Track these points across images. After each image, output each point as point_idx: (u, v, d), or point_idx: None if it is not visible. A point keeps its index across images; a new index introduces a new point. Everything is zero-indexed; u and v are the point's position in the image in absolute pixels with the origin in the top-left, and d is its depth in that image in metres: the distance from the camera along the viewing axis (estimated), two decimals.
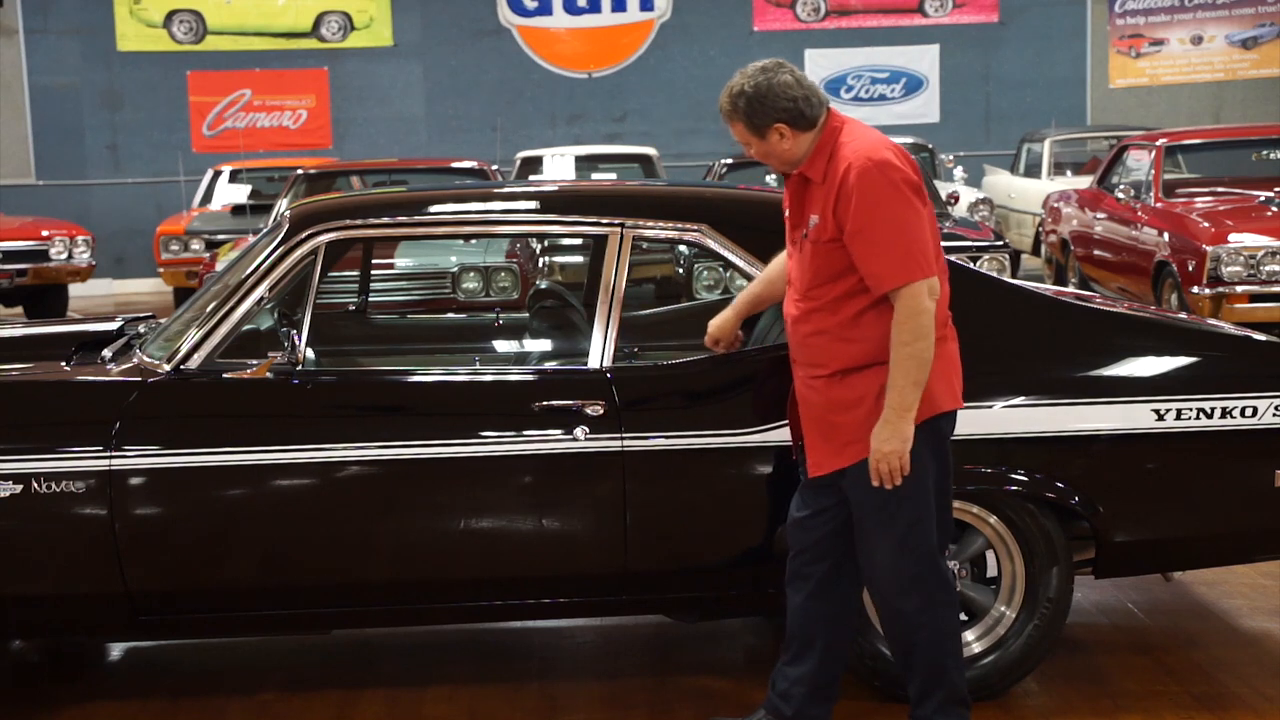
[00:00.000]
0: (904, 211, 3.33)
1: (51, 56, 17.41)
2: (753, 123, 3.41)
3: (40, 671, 4.55)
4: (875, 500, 3.44)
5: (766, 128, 3.40)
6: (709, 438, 3.85)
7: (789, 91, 3.38)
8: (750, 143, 3.47)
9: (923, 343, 3.32)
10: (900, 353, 3.32)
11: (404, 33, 17.94)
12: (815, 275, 3.44)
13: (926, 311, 3.32)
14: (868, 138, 3.42)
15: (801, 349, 3.52)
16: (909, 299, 3.31)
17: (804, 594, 3.61)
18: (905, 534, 3.46)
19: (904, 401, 3.33)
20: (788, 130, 3.40)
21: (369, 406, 3.97)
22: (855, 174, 3.32)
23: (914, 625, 3.53)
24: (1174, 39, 18.17)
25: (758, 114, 3.39)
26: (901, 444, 3.34)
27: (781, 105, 3.38)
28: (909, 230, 3.33)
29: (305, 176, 11.39)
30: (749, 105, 3.39)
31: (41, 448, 3.80)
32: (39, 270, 12.36)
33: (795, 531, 3.62)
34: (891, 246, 3.31)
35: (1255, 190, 9.67)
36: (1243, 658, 4.37)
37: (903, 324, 3.32)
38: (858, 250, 3.34)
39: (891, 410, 3.34)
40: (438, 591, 3.99)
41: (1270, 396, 3.95)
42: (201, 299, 4.21)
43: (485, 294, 8.49)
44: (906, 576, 3.49)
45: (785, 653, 3.69)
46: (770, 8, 18.15)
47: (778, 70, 3.41)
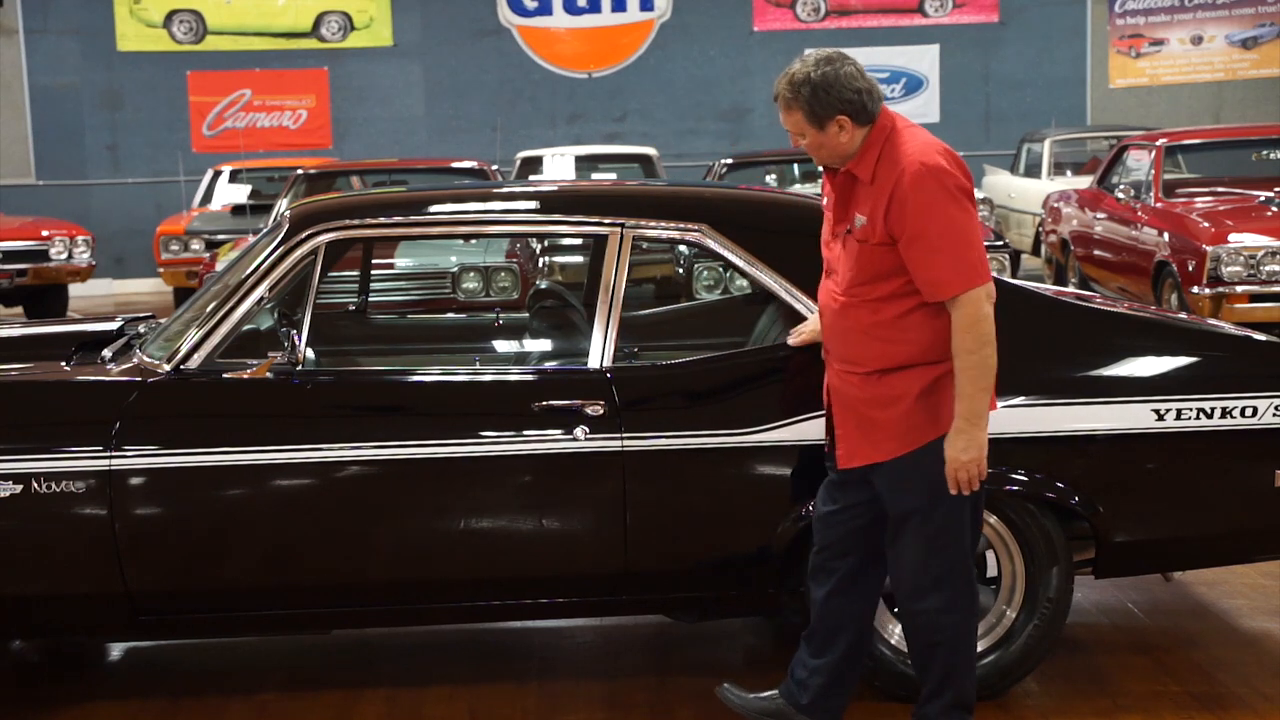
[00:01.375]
0: (960, 217, 3.29)
1: (51, 56, 17.41)
2: (814, 112, 3.33)
3: (40, 671, 4.55)
4: (912, 500, 3.43)
5: (828, 119, 3.32)
6: (709, 438, 3.85)
7: (854, 83, 3.32)
8: (805, 132, 3.38)
9: (988, 349, 3.30)
10: (967, 361, 3.29)
11: (404, 33, 17.95)
12: (859, 273, 3.39)
13: (987, 318, 3.30)
14: (919, 139, 3.37)
15: (838, 342, 3.48)
16: (970, 306, 3.28)
17: (827, 589, 3.61)
18: (938, 535, 3.45)
19: (975, 409, 3.31)
20: (848, 123, 3.33)
21: (369, 406, 3.97)
22: (910, 179, 3.27)
23: (934, 626, 3.52)
24: (1174, 39, 18.17)
25: (821, 104, 3.31)
26: (979, 452, 3.32)
27: (847, 97, 3.31)
28: (966, 236, 3.29)
29: (305, 176, 11.39)
30: (813, 94, 3.31)
31: (41, 448, 3.80)
32: (39, 270, 12.36)
33: (821, 526, 3.61)
34: (950, 253, 3.27)
35: (1255, 190, 9.67)
36: (1243, 658, 4.37)
37: (966, 332, 3.29)
38: (914, 257, 3.29)
39: (964, 420, 3.31)
40: (438, 591, 3.99)
41: (1270, 396, 3.95)
42: (201, 299, 4.21)
43: (485, 294, 8.49)
44: (931, 577, 3.48)
45: (808, 644, 3.68)
46: (770, 8, 18.15)
47: (843, 61, 3.34)
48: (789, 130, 3.43)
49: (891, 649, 3.95)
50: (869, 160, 3.36)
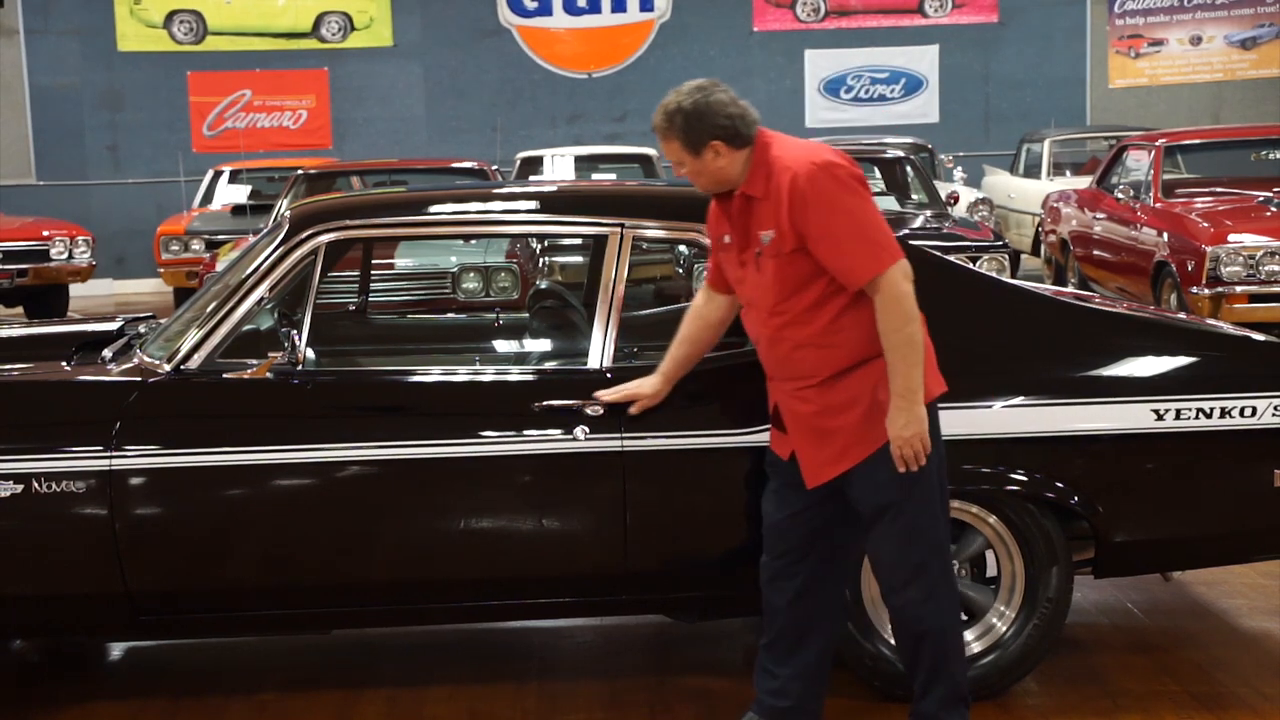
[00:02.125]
0: (859, 204, 3.36)
1: (51, 56, 17.41)
2: (689, 140, 3.41)
3: (40, 671, 4.55)
4: (885, 495, 3.46)
5: (703, 145, 3.41)
6: (709, 438, 3.86)
7: (725, 110, 3.40)
8: (684, 161, 3.46)
9: (912, 325, 3.35)
10: (894, 339, 3.34)
11: (404, 33, 17.95)
12: (782, 288, 3.44)
13: (907, 295, 3.35)
14: (801, 145, 3.47)
15: (783, 366, 3.52)
16: (887, 286, 3.33)
17: (791, 594, 3.63)
18: (913, 525, 3.48)
19: (910, 385, 3.35)
20: (723, 148, 3.42)
21: (369, 406, 3.97)
22: (804, 180, 3.35)
23: (919, 616, 3.54)
24: (1173, 39, 18.18)
25: (695, 130, 3.40)
26: (920, 426, 3.37)
27: (719, 122, 3.39)
28: (868, 220, 3.36)
29: (305, 177, 11.39)
30: (686, 122, 3.39)
31: (42, 448, 3.80)
32: (39, 270, 12.36)
33: (776, 534, 3.64)
34: (857, 240, 3.34)
35: (1255, 190, 9.68)
36: (1243, 658, 4.37)
37: (888, 311, 3.34)
38: (825, 252, 3.36)
39: (900, 397, 3.36)
40: (438, 591, 3.99)
41: (1270, 396, 3.95)
42: (201, 299, 4.21)
43: (485, 294, 8.49)
44: (910, 567, 3.50)
45: (769, 652, 3.70)
46: (770, 8, 18.15)
47: (713, 89, 3.42)
48: (670, 160, 3.52)
49: (891, 649, 3.94)
50: (759, 178, 3.43)
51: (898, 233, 7.22)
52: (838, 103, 18.18)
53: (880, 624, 3.97)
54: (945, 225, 9.96)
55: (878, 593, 3.96)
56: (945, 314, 3.95)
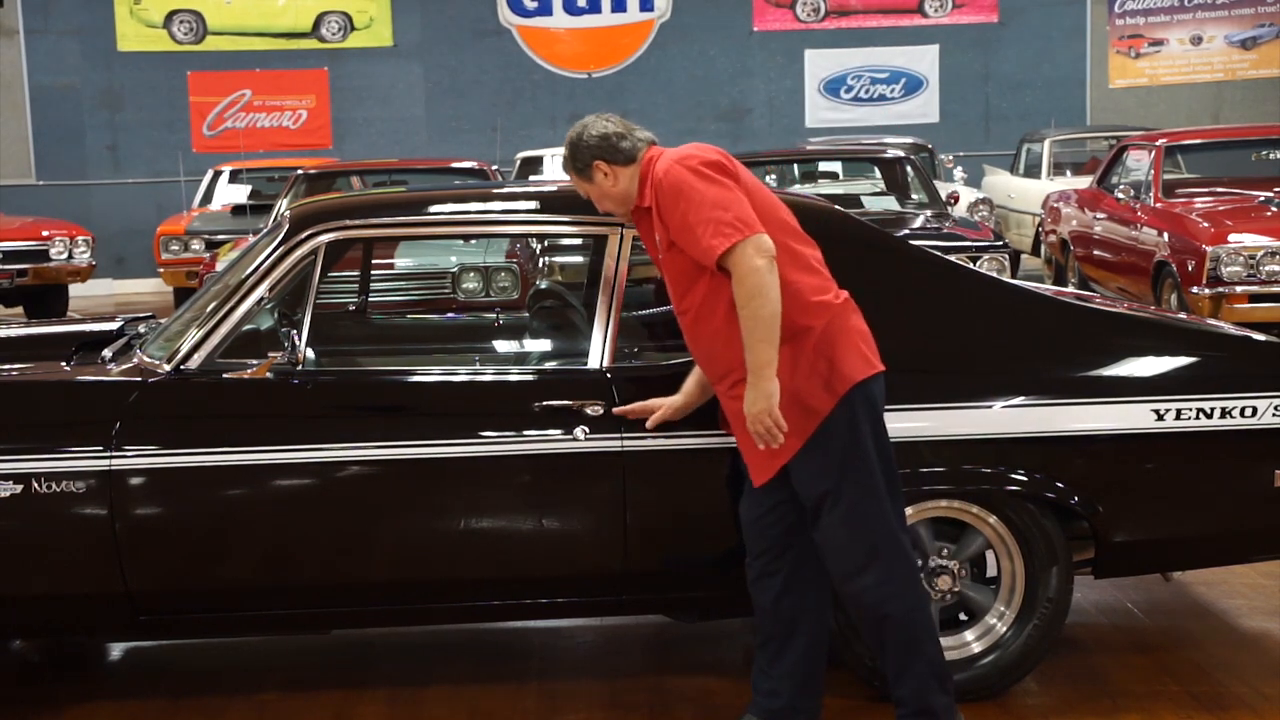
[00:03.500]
0: (707, 187, 3.44)
1: (51, 56, 17.42)
2: (576, 166, 3.63)
3: (40, 671, 4.55)
4: (821, 483, 3.48)
5: (588, 167, 3.60)
6: (709, 438, 3.85)
7: (601, 129, 3.58)
8: (584, 189, 3.68)
9: (759, 299, 3.36)
10: (742, 314, 3.39)
11: (404, 33, 17.95)
12: (675, 284, 3.58)
13: (757, 270, 3.37)
14: (675, 150, 3.58)
15: (706, 364, 3.62)
16: (737, 262, 3.38)
17: (775, 592, 3.64)
18: (854, 509, 3.48)
19: (759, 360, 3.39)
20: (606, 166, 3.59)
21: (369, 406, 3.97)
22: (663, 177, 3.50)
23: (879, 599, 3.53)
24: (1173, 39, 18.18)
25: (577, 156, 3.61)
26: (767, 401, 3.39)
27: (593, 144, 3.57)
28: (714, 201, 3.42)
29: (305, 177, 11.39)
30: (571, 150, 3.62)
31: (42, 448, 3.80)
32: (39, 270, 12.36)
33: (754, 533, 3.66)
34: (703, 221, 3.41)
35: (1255, 190, 9.67)
36: (1242, 658, 4.37)
37: (739, 286, 3.39)
38: (683, 239, 3.46)
39: (751, 373, 3.41)
40: (438, 591, 3.99)
41: (1270, 396, 3.95)
42: (201, 299, 4.21)
43: (485, 294, 8.49)
44: (860, 552, 3.51)
45: (763, 653, 3.70)
46: (770, 8, 18.15)
47: (596, 120, 3.62)
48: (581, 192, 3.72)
49: None
50: (646, 190, 3.57)
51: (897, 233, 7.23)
52: (838, 103, 18.18)
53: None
54: (945, 225, 9.95)
55: None
56: (946, 314, 3.96)
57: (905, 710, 3.62)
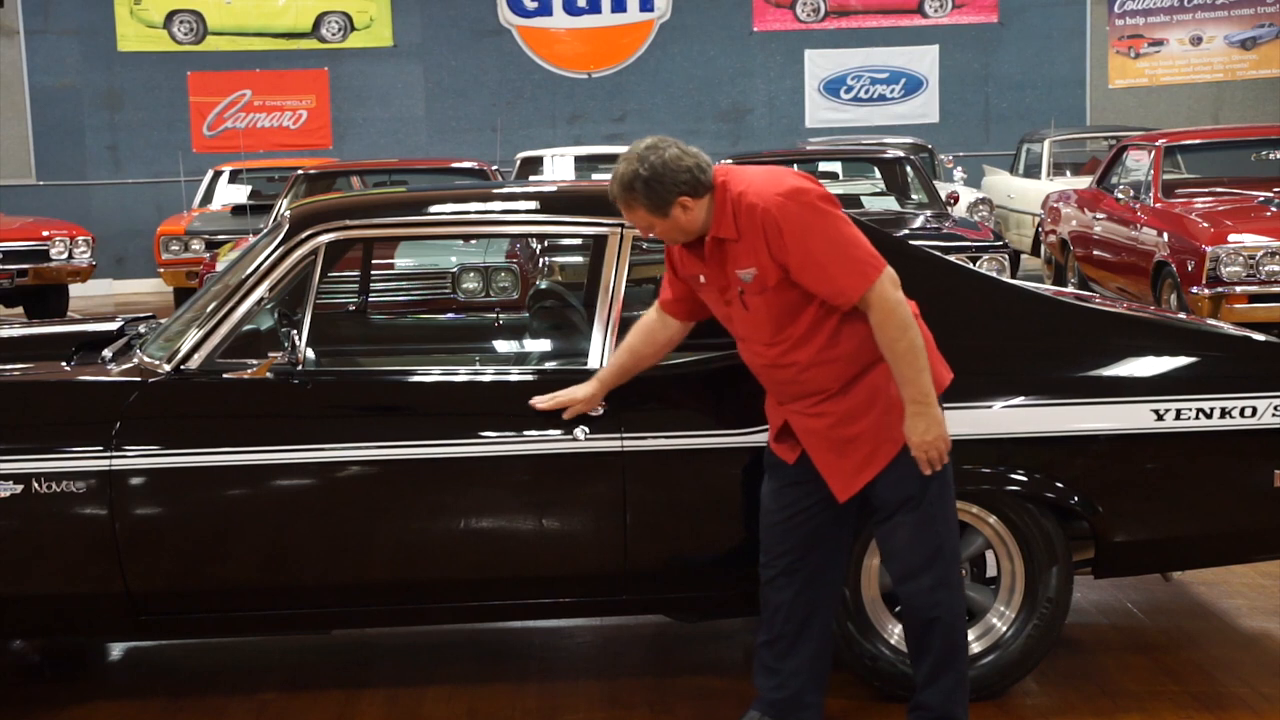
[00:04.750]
0: (833, 224, 3.36)
1: (51, 56, 17.41)
2: (654, 204, 3.39)
3: (40, 671, 4.55)
4: (907, 488, 3.48)
5: (669, 204, 3.39)
6: (709, 438, 3.86)
7: (682, 163, 3.37)
8: (653, 224, 3.45)
9: (911, 332, 3.36)
10: (896, 349, 3.36)
11: (404, 33, 17.94)
12: (777, 321, 3.45)
13: (899, 303, 3.36)
14: (762, 176, 3.44)
15: (790, 388, 3.53)
16: (878, 299, 3.34)
17: (793, 591, 3.63)
18: (930, 516, 3.51)
19: (921, 390, 3.38)
20: (689, 201, 3.39)
21: (369, 406, 3.97)
22: (776, 211, 3.34)
23: (932, 603, 3.55)
24: (1173, 39, 18.17)
25: (657, 194, 3.38)
26: (940, 428, 3.40)
27: (681, 179, 3.37)
28: (844, 237, 3.37)
29: (305, 177, 11.39)
30: (647, 187, 3.37)
31: (42, 448, 3.80)
32: (39, 270, 12.36)
33: (779, 531, 3.64)
34: (838, 261, 3.34)
35: (1255, 190, 9.68)
36: (1242, 658, 4.37)
37: (885, 323, 3.35)
38: (810, 279, 3.36)
39: (915, 403, 3.38)
40: (438, 591, 3.99)
41: (1270, 396, 3.95)
42: (201, 299, 4.21)
43: (485, 294, 8.49)
44: (923, 556, 3.52)
45: (769, 650, 3.70)
46: (770, 8, 18.15)
47: (663, 146, 3.40)
48: (637, 227, 3.52)
49: (891, 649, 3.95)
50: (727, 219, 3.41)
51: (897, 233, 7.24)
52: (838, 103, 18.18)
53: (880, 624, 3.97)
54: (945, 225, 9.96)
55: (878, 593, 3.97)
56: (946, 314, 3.95)
57: (928, 715, 3.63)
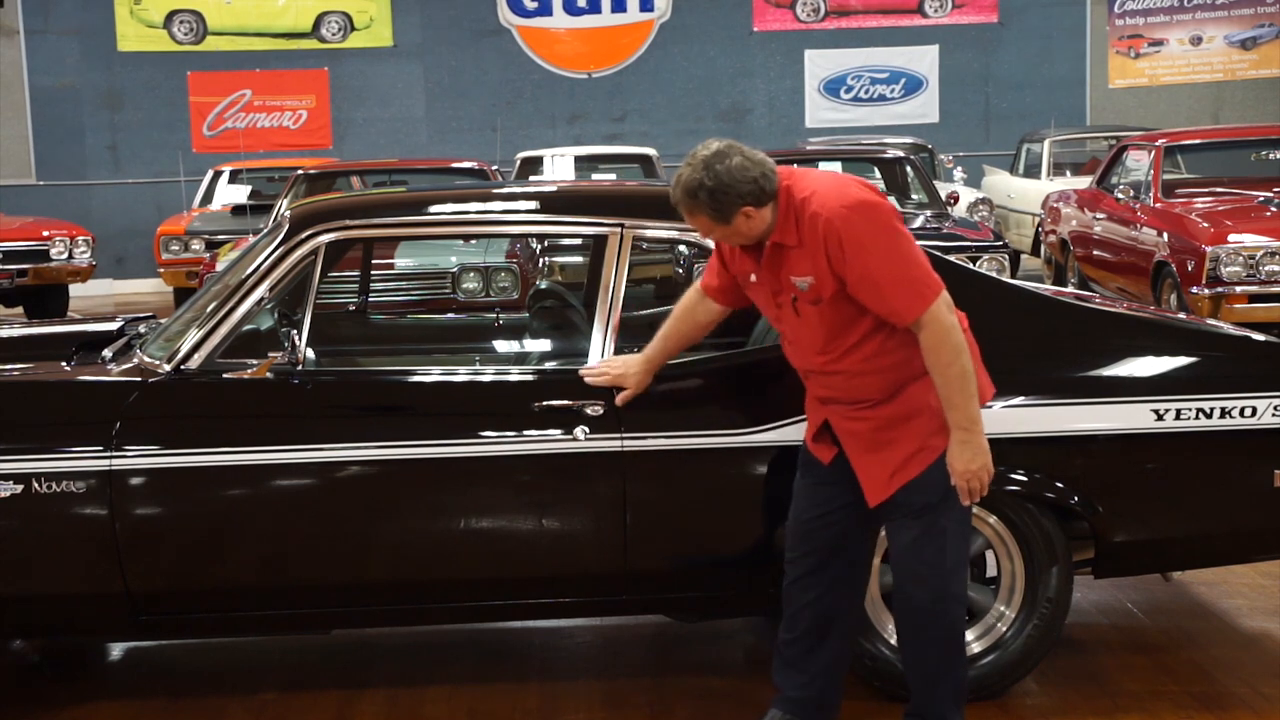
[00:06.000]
0: (895, 242, 3.32)
1: (51, 56, 17.40)
2: (718, 212, 3.34)
3: (40, 671, 4.55)
4: (932, 494, 3.45)
5: (733, 214, 3.34)
6: (709, 438, 3.86)
7: (747, 173, 3.31)
8: (713, 230, 3.41)
9: (963, 357, 3.32)
10: (947, 374, 3.32)
11: (404, 33, 17.94)
12: (830, 331, 3.41)
13: (954, 328, 3.32)
14: (827, 184, 3.38)
15: (838, 392, 3.49)
16: (934, 324, 3.30)
17: (818, 591, 3.62)
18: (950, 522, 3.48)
19: (970, 416, 3.35)
20: (753, 210, 3.34)
21: (369, 406, 3.97)
22: (839, 224, 3.28)
23: (939, 610, 3.52)
24: (1173, 39, 18.17)
25: (722, 204, 3.32)
26: (986, 457, 3.37)
27: (745, 190, 3.31)
28: (906, 258, 3.32)
29: (305, 177, 11.39)
30: (712, 197, 3.32)
31: (42, 448, 3.80)
32: (39, 270, 12.36)
33: (805, 532, 3.62)
34: (898, 281, 3.30)
35: (1255, 190, 9.68)
36: (1243, 658, 4.37)
37: (939, 348, 3.31)
38: (867, 295, 3.32)
39: (960, 429, 3.35)
40: (438, 591, 3.99)
41: (1270, 396, 3.95)
42: (201, 299, 4.21)
43: (485, 294, 8.49)
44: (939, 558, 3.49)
45: (792, 649, 3.68)
46: (770, 8, 18.15)
47: (729, 154, 3.33)
48: (697, 230, 3.49)
49: (891, 649, 3.95)
50: (789, 226, 3.36)
51: None
52: (838, 103, 18.18)
53: (880, 624, 3.97)
54: (945, 225, 9.96)
55: (878, 593, 3.96)
56: None
57: None
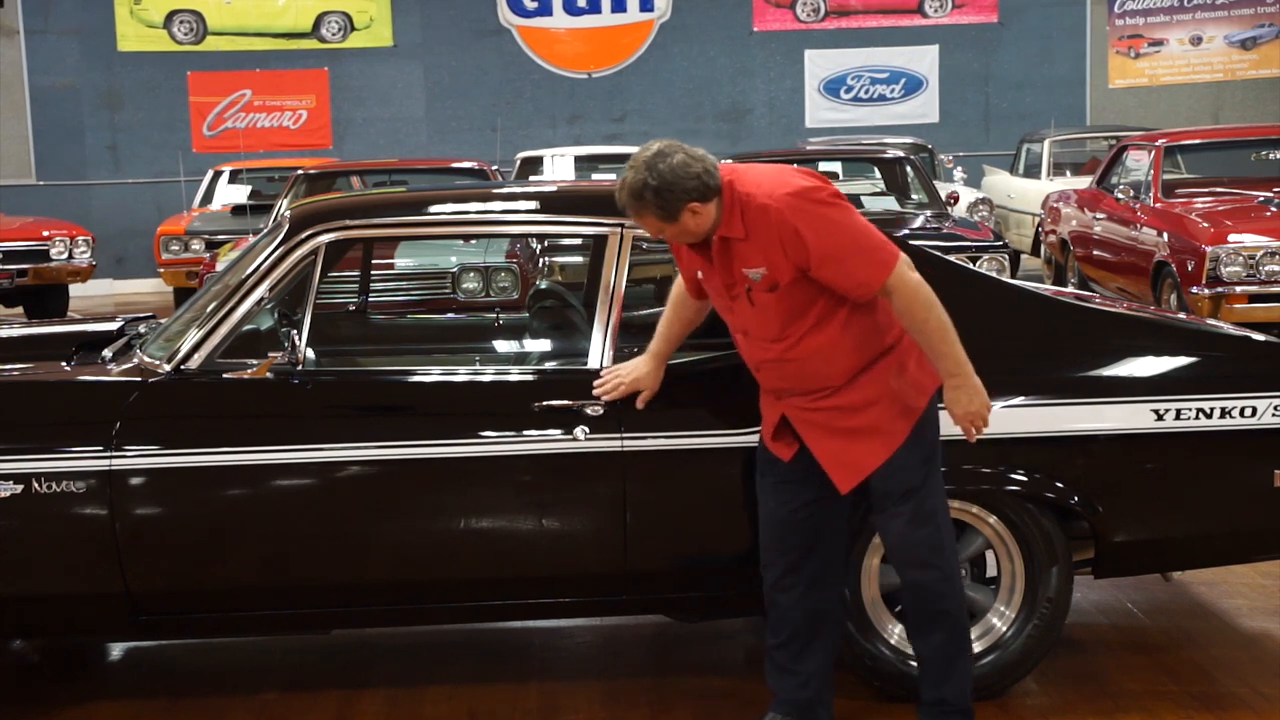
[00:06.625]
0: (846, 217, 3.38)
1: (51, 56, 17.40)
2: (665, 211, 3.36)
3: (40, 671, 4.55)
4: (910, 478, 3.51)
5: (679, 211, 3.36)
6: (709, 438, 3.86)
7: (690, 170, 3.33)
8: (663, 229, 3.43)
9: (936, 309, 3.40)
10: (926, 328, 3.40)
11: (404, 33, 17.94)
12: (785, 317, 3.45)
13: (920, 283, 3.39)
14: (767, 175, 3.43)
15: (795, 382, 3.52)
16: (899, 284, 3.38)
17: (800, 590, 3.64)
18: (932, 499, 3.55)
19: (957, 361, 3.43)
20: (699, 206, 3.36)
21: (369, 406, 3.97)
22: (788, 213, 3.33)
23: (941, 593, 3.58)
24: (1173, 39, 18.17)
25: (668, 201, 3.35)
26: (981, 395, 3.46)
27: (689, 186, 3.33)
28: (860, 230, 3.39)
29: (305, 177, 11.39)
30: (658, 196, 3.34)
31: (42, 448, 3.80)
32: (39, 270, 12.36)
33: (780, 532, 3.65)
34: (857, 253, 3.36)
35: (1255, 190, 9.68)
36: (1243, 658, 4.37)
37: (911, 305, 3.39)
38: (830, 274, 3.37)
39: (952, 376, 3.44)
40: (438, 591, 3.99)
41: (1270, 396, 3.95)
42: (201, 299, 4.21)
43: (485, 294, 8.49)
44: (931, 542, 3.55)
45: (784, 651, 3.69)
46: (770, 8, 18.15)
47: (670, 152, 3.35)
48: (647, 231, 3.53)
49: (891, 649, 3.95)
50: (735, 220, 3.40)
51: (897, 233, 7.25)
52: (838, 103, 18.18)
53: (880, 624, 3.97)
54: (945, 225, 9.96)
55: (878, 593, 3.97)
56: None
57: (949, 709, 3.65)
